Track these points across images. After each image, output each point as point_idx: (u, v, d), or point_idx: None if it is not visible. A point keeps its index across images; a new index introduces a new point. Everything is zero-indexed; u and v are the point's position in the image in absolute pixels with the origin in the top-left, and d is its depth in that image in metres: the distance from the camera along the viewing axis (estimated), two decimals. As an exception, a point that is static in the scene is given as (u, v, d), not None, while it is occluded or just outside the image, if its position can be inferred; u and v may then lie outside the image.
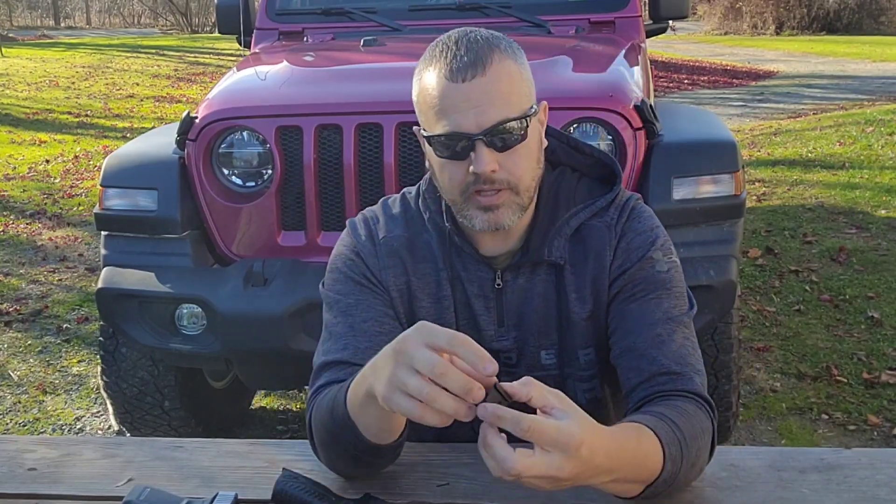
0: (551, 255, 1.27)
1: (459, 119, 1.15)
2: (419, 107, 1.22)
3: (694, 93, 12.59)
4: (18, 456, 1.31)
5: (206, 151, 2.61)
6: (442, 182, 1.23)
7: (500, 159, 1.17)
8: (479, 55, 1.15)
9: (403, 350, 0.94)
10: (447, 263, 1.30)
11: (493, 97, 1.15)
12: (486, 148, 1.15)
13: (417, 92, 1.22)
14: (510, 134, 1.16)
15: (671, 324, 1.23)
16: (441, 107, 1.16)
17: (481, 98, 1.15)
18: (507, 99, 1.16)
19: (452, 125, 1.16)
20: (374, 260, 1.32)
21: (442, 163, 1.20)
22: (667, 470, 1.05)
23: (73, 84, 13.13)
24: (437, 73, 1.17)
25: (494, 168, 1.16)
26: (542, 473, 0.90)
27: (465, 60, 1.15)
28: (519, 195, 1.20)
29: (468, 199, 1.20)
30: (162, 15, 32.92)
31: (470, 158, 1.16)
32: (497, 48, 1.17)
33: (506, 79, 1.16)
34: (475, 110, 1.15)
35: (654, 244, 1.28)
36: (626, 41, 3.19)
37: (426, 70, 1.19)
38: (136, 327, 2.55)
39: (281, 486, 1.10)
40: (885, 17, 23.58)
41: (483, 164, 1.15)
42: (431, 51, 1.20)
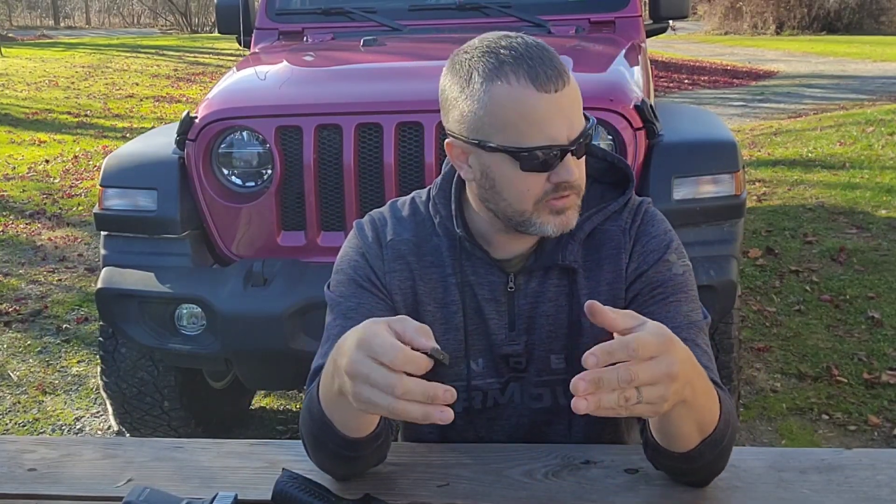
0: (565, 259, 1.27)
1: (553, 131, 1.14)
2: (484, 118, 1.16)
3: (694, 93, 12.59)
4: (18, 456, 1.30)
5: (206, 151, 2.61)
6: (512, 195, 1.20)
7: (577, 165, 1.19)
8: (557, 64, 1.15)
9: (357, 373, 0.95)
10: (457, 269, 1.30)
11: (577, 106, 1.17)
12: (573, 157, 1.17)
13: (479, 101, 1.15)
14: (587, 142, 1.19)
15: (694, 328, 1.23)
16: (531, 120, 1.14)
17: (570, 108, 1.16)
18: (581, 106, 1.19)
19: (546, 137, 1.14)
20: (380, 262, 1.31)
21: (521, 176, 1.17)
22: (720, 427, 1.08)
23: (73, 84, 13.13)
24: (520, 84, 1.13)
25: (577, 175, 1.18)
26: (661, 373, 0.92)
27: (550, 72, 1.14)
28: (580, 196, 1.22)
29: (540, 208, 1.19)
30: (162, 15, 32.92)
31: (552, 168, 1.17)
32: (557, 55, 1.18)
33: (577, 86, 1.18)
34: (567, 121, 1.15)
35: (669, 247, 1.28)
36: (626, 41, 3.19)
37: (499, 81, 1.14)
38: (135, 327, 2.55)
39: (281, 487, 1.10)
40: (886, 17, 23.59)
41: (573, 174, 1.17)
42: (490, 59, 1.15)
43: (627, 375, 0.89)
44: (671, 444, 1.10)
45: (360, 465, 1.19)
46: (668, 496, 1.15)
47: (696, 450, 1.08)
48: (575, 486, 1.17)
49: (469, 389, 1.33)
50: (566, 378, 1.30)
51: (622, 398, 0.90)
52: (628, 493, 1.15)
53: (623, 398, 0.90)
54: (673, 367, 0.92)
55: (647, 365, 0.91)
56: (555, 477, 1.19)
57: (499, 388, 1.34)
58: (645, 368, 0.90)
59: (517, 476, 1.19)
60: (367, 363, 0.94)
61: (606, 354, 0.90)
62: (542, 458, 1.23)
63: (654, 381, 0.91)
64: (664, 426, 1.08)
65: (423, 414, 0.92)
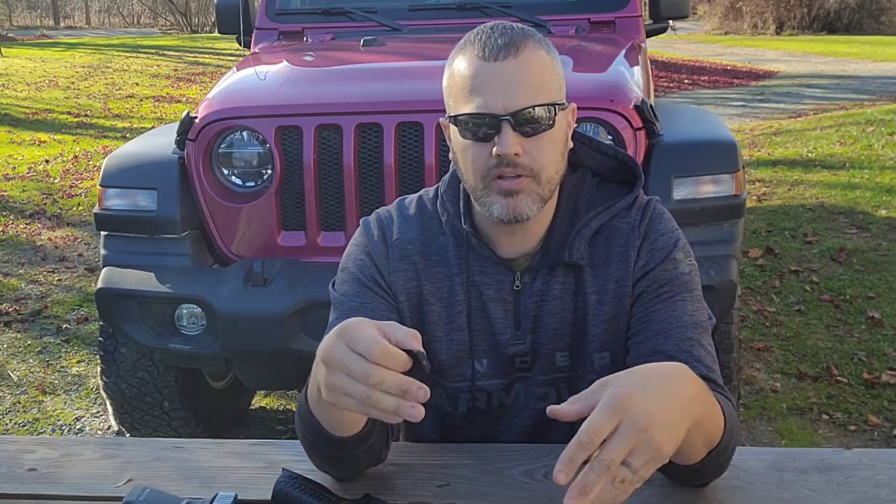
0: (572, 257, 1.26)
1: (488, 99, 1.15)
2: (448, 90, 1.22)
3: (694, 93, 12.59)
4: (18, 456, 1.30)
5: (206, 151, 2.61)
6: (464, 167, 1.22)
7: (524, 144, 1.16)
8: (513, 39, 1.17)
9: (332, 359, 0.94)
10: (463, 268, 1.29)
11: (524, 81, 1.15)
12: (511, 130, 1.15)
13: (448, 76, 1.22)
14: (537, 121, 1.16)
15: (699, 328, 1.23)
16: (471, 86, 1.17)
17: (511, 80, 1.15)
18: (537, 85, 1.17)
19: (481, 105, 1.16)
20: (385, 262, 1.31)
21: (466, 145, 1.20)
22: (724, 439, 1.06)
23: (73, 84, 13.13)
24: (470, 54, 1.18)
25: (518, 151, 1.15)
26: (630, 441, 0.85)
27: (500, 42, 1.16)
28: (540, 184, 1.19)
29: (489, 185, 1.19)
30: (162, 15, 32.91)
31: (494, 141, 1.16)
32: (532, 37, 1.19)
33: (537, 65, 1.17)
34: (504, 92, 1.15)
35: (676, 245, 1.28)
36: (626, 41, 3.19)
37: (459, 54, 1.21)
38: (135, 327, 2.55)
39: (281, 487, 1.10)
40: (886, 17, 23.59)
41: (507, 146, 1.14)
42: (465, 38, 1.21)
43: (602, 467, 0.84)
44: (679, 459, 1.07)
45: (352, 465, 1.18)
46: (668, 496, 1.15)
47: (702, 462, 1.07)
48: (575, 486, 1.17)
49: (473, 390, 1.33)
50: (571, 375, 1.31)
51: (616, 483, 0.85)
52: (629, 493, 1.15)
53: (617, 482, 0.85)
54: (638, 421, 0.86)
55: (614, 442, 0.85)
56: (555, 477, 1.19)
57: (503, 389, 1.33)
58: (613, 446, 0.85)
59: (517, 476, 1.19)
60: (344, 351, 0.93)
61: (569, 463, 0.84)
62: (542, 458, 1.23)
63: (632, 448, 0.85)
64: None
65: (394, 406, 0.90)
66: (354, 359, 0.92)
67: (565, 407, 0.90)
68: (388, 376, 0.91)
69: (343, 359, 0.93)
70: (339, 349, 0.94)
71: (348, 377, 0.92)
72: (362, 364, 0.91)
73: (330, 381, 0.95)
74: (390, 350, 0.92)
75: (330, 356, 0.94)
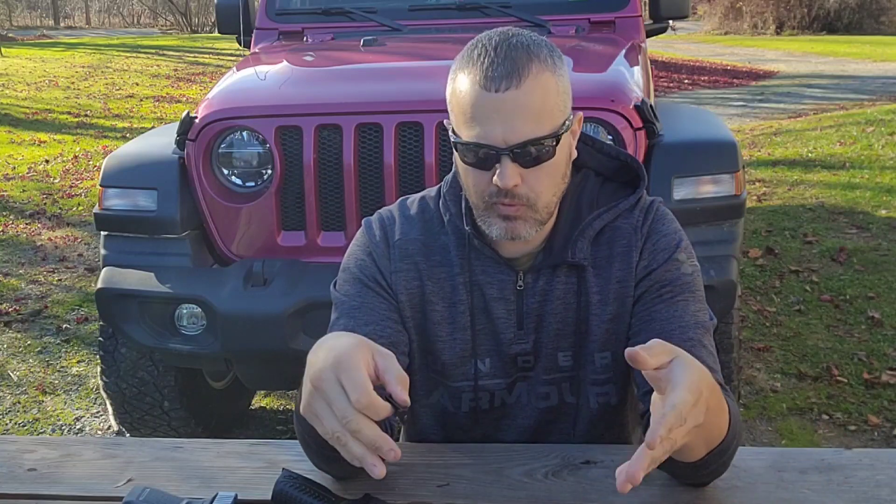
0: (574, 257, 1.26)
1: (488, 130, 1.13)
2: (451, 107, 1.20)
3: (694, 93, 12.59)
4: (18, 456, 1.30)
5: (206, 151, 2.61)
6: (465, 185, 1.23)
7: (524, 174, 1.15)
8: (515, 65, 1.12)
9: (319, 386, 0.93)
10: (465, 268, 1.29)
11: (525, 113, 1.12)
12: (510, 163, 1.13)
13: (451, 92, 1.19)
14: (538, 153, 1.15)
15: (700, 329, 1.23)
16: (471, 114, 1.14)
17: (512, 112, 1.12)
18: (539, 116, 1.13)
19: (480, 135, 1.14)
20: (386, 262, 1.31)
21: (466, 168, 1.19)
22: (727, 439, 1.06)
23: (73, 84, 13.13)
24: (471, 77, 1.14)
25: (517, 183, 1.15)
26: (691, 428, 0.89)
27: (501, 70, 1.11)
28: (537, 211, 1.19)
29: (489, 207, 1.20)
30: (162, 15, 32.91)
31: (494, 169, 1.15)
32: (536, 58, 1.13)
33: (540, 94, 1.13)
34: (504, 125, 1.12)
35: (678, 246, 1.28)
36: (626, 41, 3.19)
37: (461, 71, 1.16)
38: (135, 327, 2.55)
39: (281, 487, 1.10)
40: (886, 17, 23.58)
41: (506, 179, 1.14)
42: (469, 52, 1.17)
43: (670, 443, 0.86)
44: (677, 456, 1.08)
45: (350, 465, 1.18)
46: (668, 496, 1.15)
47: (703, 461, 1.07)
48: (575, 486, 1.17)
49: (476, 390, 1.33)
50: (573, 375, 1.31)
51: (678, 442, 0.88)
52: (628, 493, 1.15)
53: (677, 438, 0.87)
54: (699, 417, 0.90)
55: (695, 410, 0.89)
56: (555, 477, 1.19)
57: (506, 388, 1.33)
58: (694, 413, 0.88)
59: (517, 476, 1.19)
60: (332, 383, 0.92)
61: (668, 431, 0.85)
62: (542, 458, 1.23)
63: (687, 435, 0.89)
64: None
65: (360, 455, 0.90)
66: (339, 397, 0.91)
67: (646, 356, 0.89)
68: (366, 428, 0.89)
69: (329, 391, 0.92)
70: (329, 379, 0.92)
71: (328, 408, 0.92)
72: (344, 405, 0.90)
73: (309, 402, 0.94)
74: (375, 403, 0.90)
75: (318, 382, 0.93)
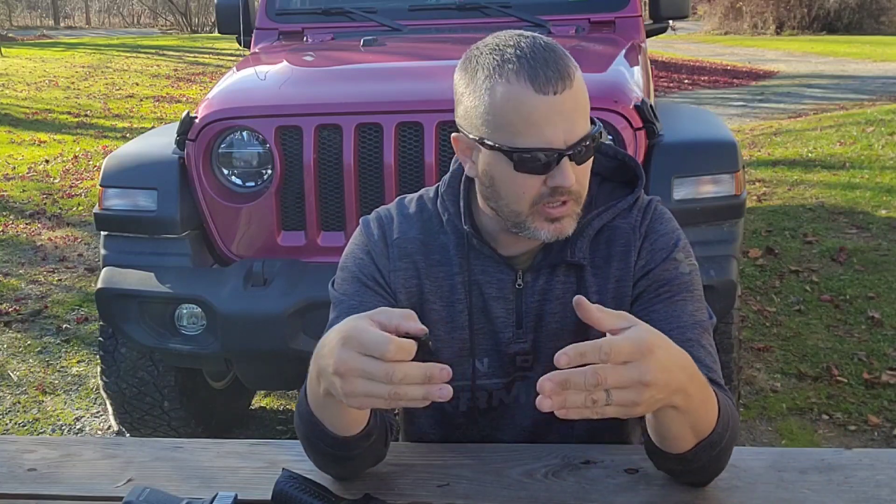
0: (574, 256, 1.27)
1: (549, 133, 1.12)
2: (486, 117, 1.15)
3: (694, 93, 12.59)
4: (18, 456, 1.30)
5: (206, 151, 2.61)
6: (508, 195, 1.19)
7: (576, 171, 1.16)
8: (561, 66, 1.13)
9: (347, 369, 0.94)
10: (464, 267, 1.29)
11: (579, 111, 1.14)
12: (570, 162, 1.14)
13: (489, 104, 1.14)
14: (589, 148, 1.16)
15: (699, 328, 1.23)
16: (529, 121, 1.12)
17: (570, 112, 1.13)
18: (587, 112, 1.16)
19: (541, 139, 1.13)
20: (385, 261, 1.31)
21: (514, 176, 1.16)
22: (717, 431, 1.07)
23: (73, 84, 13.13)
24: (519, 84, 1.12)
25: (573, 181, 1.16)
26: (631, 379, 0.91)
27: (552, 73, 1.12)
28: (579, 204, 1.21)
29: (536, 212, 1.18)
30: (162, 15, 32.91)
31: (550, 172, 1.15)
32: (570, 59, 1.15)
33: (583, 91, 1.15)
34: (566, 125, 1.13)
35: (677, 245, 1.28)
36: (626, 41, 3.19)
37: (498, 80, 1.13)
38: (135, 327, 2.55)
39: (281, 487, 1.10)
40: (886, 17, 23.59)
41: (569, 180, 1.14)
42: (499, 62, 1.14)
43: (595, 379, 0.89)
44: (665, 446, 1.10)
45: (354, 464, 1.19)
46: (668, 496, 1.15)
47: (692, 452, 1.08)
48: (575, 486, 1.17)
49: (474, 389, 1.33)
50: None
51: (589, 399, 0.90)
52: (628, 493, 1.15)
53: (590, 399, 0.90)
54: (646, 375, 0.91)
55: (619, 369, 0.90)
56: (555, 477, 1.19)
57: (504, 388, 1.33)
58: (615, 372, 0.90)
59: (517, 476, 1.19)
60: (357, 358, 0.94)
61: (579, 355, 0.90)
62: (542, 458, 1.23)
63: (624, 386, 0.91)
64: (656, 427, 1.08)
65: (423, 394, 0.92)
66: (370, 363, 0.93)
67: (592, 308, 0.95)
68: (411, 369, 0.92)
69: (358, 366, 0.93)
70: (352, 357, 0.94)
71: (368, 381, 0.93)
72: (380, 366, 0.92)
73: (349, 390, 0.95)
74: (401, 344, 0.93)
75: (344, 367, 0.95)
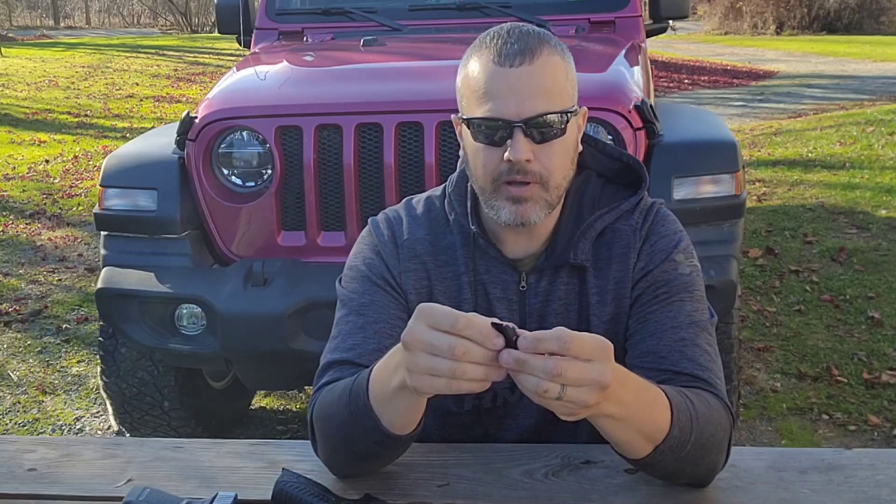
0: (576, 258, 1.27)
1: (501, 105, 1.16)
2: (462, 91, 1.23)
3: (694, 93, 12.59)
4: (18, 456, 1.31)
5: (206, 151, 2.61)
6: (475, 168, 1.23)
7: (535, 150, 1.17)
8: (528, 44, 1.16)
9: (414, 340, 0.95)
10: (470, 267, 1.30)
11: (537, 88, 1.16)
12: (523, 137, 1.16)
13: (462, 76, 1.22)
14: (549, 127, 1.17)
15: (694, 328, 1.23)
16: (485, 90, 1.17)
17: (525, 86, 1.15)
18: (550, 92, 1.17)
19: (494, 110, 1.16)
20: (395, 262, 1.32)
21: (477, 147, 1.20)
22: (673, 435, 1.06)
23: (73, 84, 13.13)
24: (484, 57, 1.18)
25: (529, 157, 1.16)
26: (589, 377, 0.91)
27: (515, 48, 1.16)
28: (548, 191, 1.20)
29: (498, 189, 1.20)
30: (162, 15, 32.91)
31: (506, 146, 1.16)
32: (547, 43, 1.18)
33: (551, 72, 1.17)
34: (518, 98, 1.15)
35: (677, 247, 1.28)
36: (626, 41, 3.19)
37: (473, 56, 1.21)
38: (135, 327, 2.55)
39: (281, 487, 1.10)
40: (886, 17, 23.59)
41: (519, 153, 1.15)
42: (481, 39, 1.21)
43: (554, 370, 0.90)
44: (622, 451, 1.09)
45: (384, 462, 1.21)
46: (668, 496, 1.15)
47: (652, 457, 1.07)
48: (575, 486, 1.17)
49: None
50: None
51: (541, 388, 0.90)
52: (628, 493, 1.15)
53: (542, 388, 0.90)
54: (605, 375, 0.92)
55: (580, 365, 0.91)
56: (555, 477, 1.19)
57: (508, 388, 1.33)
58: (576, 367, 0.90)
59: (517, 476, 1.19)
60: (425, 331, 0.94)
61: (536, 340, 0.91)
62: (543, 458, 1.23)
63: (581, 384, 0.91)
64: (605, 435, 1.07)
65: (484, 374, 0.92)
66: (437, 335, 0.93)
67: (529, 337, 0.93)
68: (473, 347, 0.92)
69: (425, 338, 0.94)
70: (420, 329, 0.94)
71: (432, 356, 0.93)
72: (445, 338, 0.92)
73: (412, 363, 0.95)
74: (473, 319, 0.93)
75: (411, 337, 0.95)
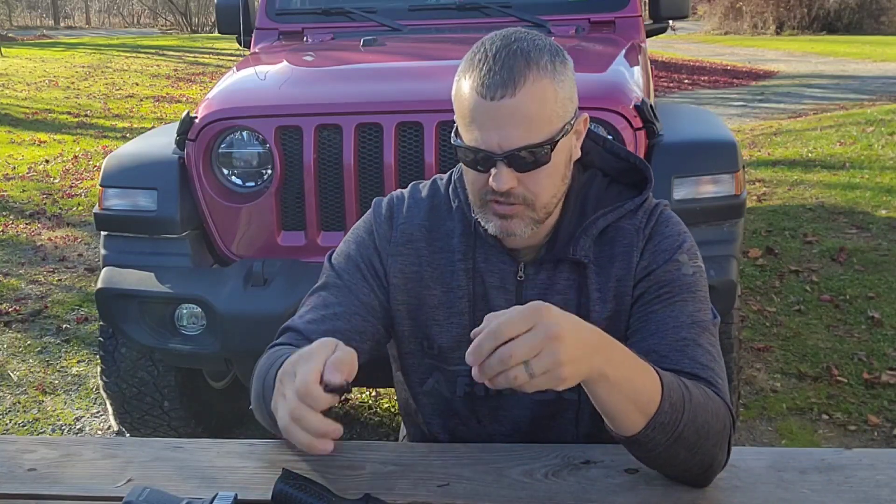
0: (576, 254, 1.28)
1: (485, 136, 1.16)
2: (454, 103, 1.23)
3: (694, 93, 12.59)
4: (18, 456, 1.30)
5: (206, 151, 2.61)
6: (466, 182, 1.27)
7: (520, 178, 1.18)
8: (512, 73, 1.13)
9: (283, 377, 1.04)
10: (469, 255, 1.32)
11: (519, 121, 1.14)
12: (506, 168, 1.17)
13: (454, 91, 1.22)
14: (532, 158, 1.17)
15: (696, 328, 1.23)
16: (470, 119, 1.17)
17: (506, 120, 1.14)
18: (533, 124, 1.15)
19: (478, 140, 1.17)
20: (386, 244, 1.34)
21: (465, 167, 1.23)
22: (664, 410, 1.06)
23: (73, 84, 13.13)
24: (470, 83, 1.17)
25: (512, 186, 1.18)
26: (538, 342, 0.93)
27: (498, 79, 1.13)
28: (535, 210, 1.22)
29: (486, 205, 1.22)
30: (162, 15, 32.92)
31: (491, 172, 1.18)
32: (535, 66, 1.14)
33: (538, 100, 1.14)
34: (499, 132, 1.15)
35: (680, 247, 1.29)
36: (626, 41, 3.19)
37: (464, 76, 1.19)
38: (135, 327, 2.55)
39: (280, 487, 1.10)
40: (886, 17, 23.60)
41: (501, 184, 1.17)
42: (472, 55, 1.19)
43: (505, 358, 0.92)
44: (615, 425, 1.09)
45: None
46: (668, 496, 1.15)
47: (644, 434, 1.07)
48: (575, 486, 1.17)
49: (471, 374, 1.33)
50: None
51: (510, 378, 0.93)
52: (628, 493, 1.15)
53: (511, 377, 0.93)
54: (551, 328, 0.94)
55: (522, 339, 0.93)
56: (555, 477, 1.19)
57: None
58: (520, 343, 0.93)
59: (517, 476, 1.19)
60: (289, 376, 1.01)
61: (477, 349, 0.94)
62: (542, 458, 1.23)
63: (537, 351, 0.93)
64: (600, 405, 1.07)
65: (307, 444, 0.99)
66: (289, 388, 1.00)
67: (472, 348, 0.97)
68: (309, 416, 0.98)
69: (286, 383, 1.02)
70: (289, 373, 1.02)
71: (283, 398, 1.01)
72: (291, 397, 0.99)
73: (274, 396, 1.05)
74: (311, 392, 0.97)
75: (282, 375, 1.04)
